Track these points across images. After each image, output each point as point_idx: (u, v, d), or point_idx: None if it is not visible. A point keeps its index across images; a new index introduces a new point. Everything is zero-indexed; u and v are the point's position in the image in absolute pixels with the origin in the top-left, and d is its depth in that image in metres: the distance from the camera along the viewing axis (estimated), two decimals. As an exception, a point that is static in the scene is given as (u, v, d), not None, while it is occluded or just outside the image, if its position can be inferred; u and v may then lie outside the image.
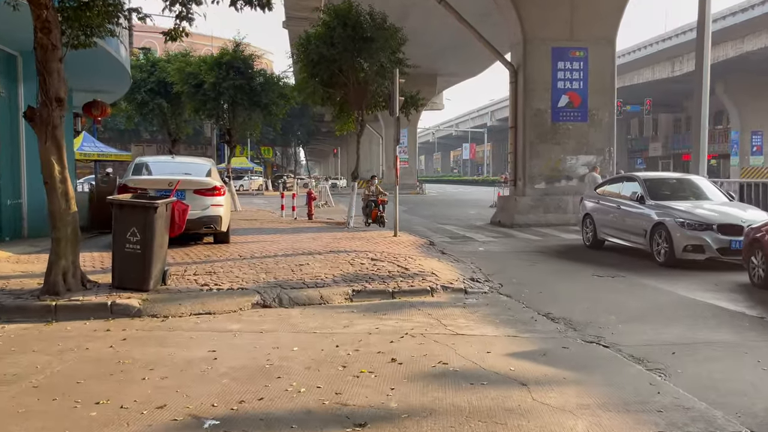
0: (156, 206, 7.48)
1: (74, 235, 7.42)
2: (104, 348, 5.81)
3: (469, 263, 11.04)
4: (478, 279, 9.47)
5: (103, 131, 57.63)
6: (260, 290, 7.89)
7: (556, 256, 12.69)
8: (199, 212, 11.40)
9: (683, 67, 51.57)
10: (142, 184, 11.25)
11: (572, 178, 19.13)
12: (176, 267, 9.34)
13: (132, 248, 7.52)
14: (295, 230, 15.99)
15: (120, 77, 15.70)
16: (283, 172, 79.21)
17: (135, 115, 28.17)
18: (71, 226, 7.39)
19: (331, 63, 16.32)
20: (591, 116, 19.15)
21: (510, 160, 19.88)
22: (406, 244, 13.14)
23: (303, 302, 7.71)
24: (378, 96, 17.04)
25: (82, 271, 7.72)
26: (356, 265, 9.72)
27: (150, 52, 27.27)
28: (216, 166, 12.96)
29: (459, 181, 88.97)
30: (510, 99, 19.89)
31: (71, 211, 7.42)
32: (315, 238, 13.85)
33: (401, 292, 8.25)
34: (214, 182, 11.80)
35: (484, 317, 7.12)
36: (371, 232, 15.48)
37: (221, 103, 23.89)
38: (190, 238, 12.62)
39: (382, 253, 11.05)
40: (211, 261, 10.00)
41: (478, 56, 41.63)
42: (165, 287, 7.91)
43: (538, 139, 19.09)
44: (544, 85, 18.98)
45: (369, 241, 13.22)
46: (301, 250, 11.49)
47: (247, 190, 51.91)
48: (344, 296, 8.00)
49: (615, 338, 6.21)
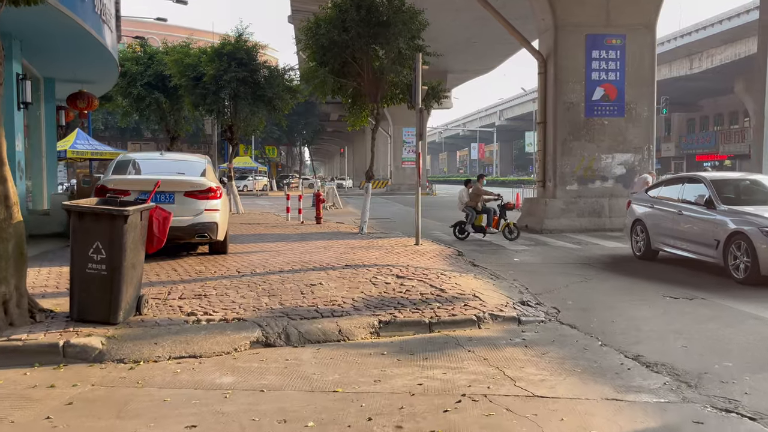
0: (126, 214, 5.74)
1: (18, 253, 5.68)
2: (37, 421, 4.07)
3: (511, 280, 9.27)
4: (528, 302, 7.72)
5: (103, 129, 56.29)
6: (262, 322, 6.15)
7: (606, 269, 10.91)
8: (190, 218, 9.68)
9: (702, 64, 49.73)
10: (123, 184, 9.52)
11: (608, 178, 17.35)
12: (158, 288, 7.60)
13: (95, 269, 5.78)
14: (302, 237, 14.25)
15: (106, 66, 13.98)
16: (288, 171, 77.68)
17: (131, 111, 26.38)
18: (13, 240, 5.64)
19: (343, 49, 14.57)
20: (628, 110, 17.36)
21: (538, 158, 18.10)
22: (431, 255, 11.38)
23: (317, 338, 5.96)
24: (395, 87, 15.28)
25: (31, 297, 5.99)
26: (380, 285, 7.96)
27: (146, 42, 25.48)
28: (212, 163, 11.21)
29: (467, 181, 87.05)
30: (538, 92, 18.10)
31: (13, 222, 5.67)
32: (326, 246, 12.10)
33: (441, 323, 6.49)
34: (209, 183, 10.05)
35: (558, 364, 5.35)
36: (389, 240, 13.71)
37: (222, 97, 22.11)
38: (181, 248, 10.90)
39: (407, 268, 9.29)
40: (203, 279, 8.24)
41: (490, 52, 39.91)
42: (139, 318, 6.17)
43: (570, 135, 17.32)
44: (576, 76, 17.20)
45: (389, 252, 11.46)
46: (311, 263, 9.74)
47: (251, 190, 50.27)
48: (369, 329, 6.25)
49: (755, 402, 4.45)
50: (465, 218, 15.15)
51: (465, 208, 15.14)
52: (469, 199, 15.08)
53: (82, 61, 13.32)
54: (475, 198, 14.99)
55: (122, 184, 9.55)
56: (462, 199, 15.29)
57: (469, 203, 15.06)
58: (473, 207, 14.97)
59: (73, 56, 12.76)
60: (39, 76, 14.81)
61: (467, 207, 15.07)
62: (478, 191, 15.03)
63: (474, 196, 15.03)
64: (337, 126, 75.53)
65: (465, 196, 15.24)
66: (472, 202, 15.01)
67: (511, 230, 14.72)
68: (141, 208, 6.04)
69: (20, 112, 10.92)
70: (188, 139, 51.78)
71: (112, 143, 52.16)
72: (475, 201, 14.99)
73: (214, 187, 10.04)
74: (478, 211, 14.90)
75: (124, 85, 23.69)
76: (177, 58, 22.01)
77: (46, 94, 15.17)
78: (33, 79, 14.50)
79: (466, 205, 15.12)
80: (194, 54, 22.18)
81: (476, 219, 14.88)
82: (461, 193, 15.45)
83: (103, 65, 13.90)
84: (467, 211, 15.05)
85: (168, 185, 9.68)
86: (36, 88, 14.85)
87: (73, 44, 11.51)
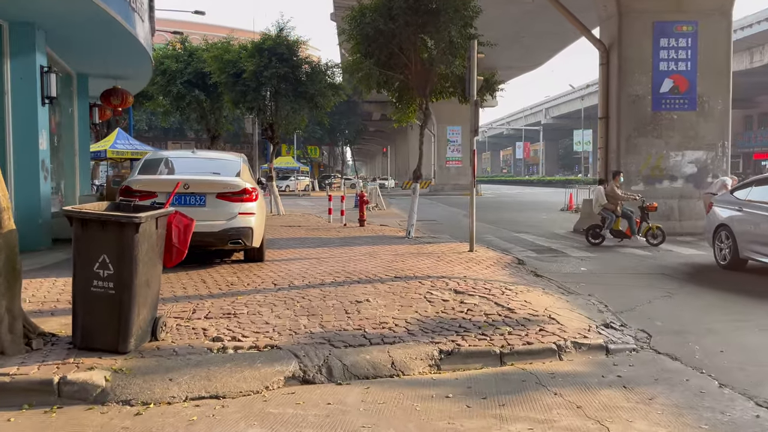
0: (138, 222, 4.77)
1: (9, 268, 4.75)
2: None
3: (585, 295, 8.05)
4: (612, 324, 6.51)
5: (147, 130, 56.42)
6: (299, 350, 5.11)
7: (689, 280, 9.59)
8: (223, 223, 8.73)
9: (763, 57, 47.22)
10: (150, 185, 8.64)
11: (677, 178, 15.90)
12: (182, 304, 6.63)
13: (102, 287, 4.83)
14: (345, 241, 13.24)
15: (139, 59, 13.18)
16: (329, 172, 77.08)
17: (171, 110, 25.82)
18: (3, 253, 4.71)
19: (390, 40, 13.51)
20: (700, 104, 15.87)
21: (600, 156, 16.73)
22: (488, 263, 10.23)
23: (365, 373, 4.90)
24: (445, 80, 14.15)
25: (27, 320, 5.07)
26: (436, 302, 6.85)
27: (186, 39, 24.83)
28: (247, 162, 10.26)
29: (512, 181, 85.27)
30: (600, 84, 16.74)
31: (3, 231, 4.74)
32: (371, 253, 11.06)
33: (515, 354, 5.36)
34: (244, 184, 9.08)
35: (675, 416, 4.17)
36: (439, 246, 12.59)
37: (263, 94, 21.29)
38: (214, 255, 9.99)
39: (465, 281, 8.16)
40: (234, 294, 7.25)
41: (538, 47, 38.38)
42: (155, 345, 5.20)
43: (635, 131, 15.93)
44: (642, 67, 15.80)
45: (441, 259, 10.35)
46: (356, 273, 8.68)
47: (293, 190, 49.71)
48: (428, 361, 5.16)
49: None
50: (601, 222, 13.83)
51: (602, 211, 13.78)
52: (607, 201, 13.70)
53: (113, 53, 12.56)
54: (613, 200, 13.63)
55: (149, 185, 8.67)
56: (599, 201, 13.85)
57: (607, 206, 13.70)
58: (612, 210, 13.64)
59: (102, 48, 11.99)
60: (71, 71, 14.15)
61: (605, 210, 13.73)
62: (615, 194, 13.61)
63: (611, 198, 13.65)
64: (379, 125, 74.73)
65: (602, 197, 13.82)
66: (611, 205, 13.65)
67: (656, 234, 13.40)
68: (157, 214, 5.07)
69: (45, 107, 10.16)
70: (230, 138, 51.49)
71: (156, 143, 52.22)
72: (614, 204, 13.63)
73: (250, 188, 9.07)
74: (618, 215, 13.60)
75: (164, 83, 23.12)
76: (216, 54, 21.30)
77: (79, 90, 14.50)
78: (65, 75, 13.85)
79: (603, 207, 13.76)
80: (234, 50, 21.44)
81: (615, 223, 13.60)
82: (597, 193, 13.99)
83: (136, 59, 13.12)
84: (605, 214, 13.71)
85: (198, 186, 8.76)
86: (68, 84, 14.21)
87: (101, 33, 10.72)
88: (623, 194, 13.77)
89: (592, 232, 13.91)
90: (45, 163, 10.15)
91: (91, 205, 5.22)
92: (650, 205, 13.70)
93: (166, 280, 7.88)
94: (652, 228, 13.47)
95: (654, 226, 13.48)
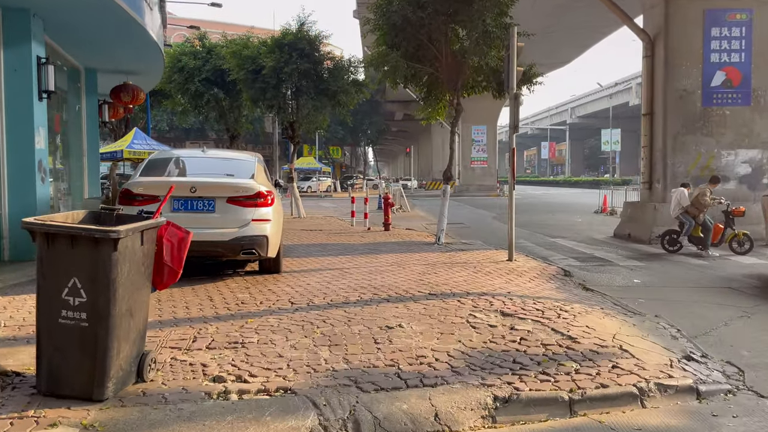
0: (116, 236, 3.77)
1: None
2: None
3: (652, 316, 6.92)
4: (692, 354, 5.41)
5: (168, 130, 55.87)
6: (318, 396, 4.09)
7: (763, 296, 8.39)
8: (234, 230, 7.75)
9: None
10: (153, 188, 7.68)
11: (729, 179, 14.62)
12: (182, 329, 5.64)
13: (72, 319, 3.86)
14: (370, 248, 12.21)
15: (148, 52, 12.24)
16: (351, 172, 76.17)
17: (189, 109, 24.98)
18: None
19: (418, 29, 12.46)
20: (755, 98, 14.59)
21: (643, 156, 15.50)
22: (532, 275, 9.13)
23: (402, 429, 3.86)
24: (477, 73, 13.06)
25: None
26: (482, 328, 5.77)
27: (205, 35, 23.96)
28: (263, 163, 9.25)
29: (536, 181, 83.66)
30: (643, 78, 15.51)
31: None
32: (400, 263, 10.01)
33: (587, 400, 4.28)
34: (258, 187, 8.07)
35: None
36: (473, 254, 11.50)
37: (283, 91, 20.32)
38: (225, 266, 9.03)
39: (511, 299, 7.07)
40: (244, 315, 6.23)
41: (566, 43, 36.98)
42: (141, 388, 4.21)
43: (683, 128, 14.69)
44: (691, 59, 14.55)
45: (478, 270, 9.27)
46: (384, 289, 7.62)
47: (315, 191, 48.87)
48: (480, 411, 4.10)
49: None
50: (678, 227, 12.68)
51: (681, 215, 12.60)
52: (690, 206, 12.53)
53: (121, 45, 11.67)
54: (698, 206, 12.43)
55: (152, 187, 7.71)
56: (681, 204, 12.64)
57: (689, 210, 12.51)
58: (694, 216, 12.45)
59: (108, 39, 11.11)
60: (79, 66, 13.29)
61: (684, 215, 12.55)
62: (703, 200, 12.37)
63: (697, 203, 12.43)
64: (401, 125, 73.64)
65: (684, 199, 12.61)
66: (694, 210, 12.46)
67: (741, 242, 12.22)
68: (142, 226, 4.07)
69: (42, 102, 9.25)
70: (251, 139, 50.79)
71: (177, 144, 51.60)
72: (698, 209, 12.44)
73: (265, 191, 8.06)
74: (699, 222, 12.42)
75: (182, 80, 22.29)
76: (235, 50, 20.39)
77: (88, 86, 13.62)
78: (72, 70, 13.01)
79: (683, 211, 12.58)
80: (253, 46, 20.51)
81: (694, 229, 12.45)
82: (679, 195, 12.73)
83: (146, 52, 12.20)
84: (684, 219, 12.53)
85: (206, 189, 7.79)
86: (76, 80, 13.37)
87: (105, 22, 9.83)
88: (711, 200, 12.53)
89: (669, 239, 12.71)
90: (42, 164, 9.23)
91: (62, 215, 4.24)
92: (736, 209, 12.48)
93: (168, 297, 6.91)
94: (737, 235, 12.26)
95: (740, 233, 12.28)
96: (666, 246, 12.77)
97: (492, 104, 44.49)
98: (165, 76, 22.04)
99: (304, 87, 20.07)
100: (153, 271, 4.35)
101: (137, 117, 30.97)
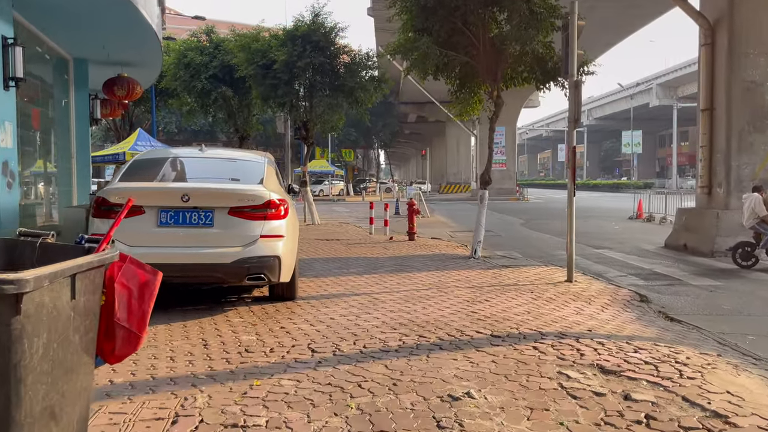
0: (16, 291, 2.13)
1: None
2: None
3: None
4: None
5: (177, 132, 54.43)
6: None
7: None
8: (237, 250, 6.09)
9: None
10: (135, 197, 6.04)
11: (804, 183, 12.85)
12: (160, 400, 3.96)
13: (-55, 430, 2.21)
14: (398, 263, 10.56)
15: (143, 40, 10.61)
16: (364, 175, 74.62)
17: (196, 109, 23.44)
18: None
19: (452, 12, 10.82)
20: (833, 91, 12.84)
21: (701, 156, 13.75)
22: (603, 302, 7.43)
23: None
24: (519, 63, 11.38)
25: None
26: (586, 400, 4.04)
27: (212, 29, 22.37)
28: (274, 164, 7.60)
29: (553, 184, 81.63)
30: (702, 69, 13.75)
31: None
32: (438, 285, 8.33)
33: None
34: (269, 194, 6.38)
35: None
36: (521, 271, 9.80)
37: (296, 87, 18.72)
38: (229, 290, 7.40)
39: (600, 342, 5.33)
40: (248, 372, 4.54)
41: (592, 40, 35.07)
42: None
43: (749, 125, 12.95)
44: (761, 46, 12.84)
45: (537, 296, 7.57)
46: (430, 327, 5.90)
47: (327, 195, 47.35)
48: None
49: None
50: (754, 238, 11.04)
51: (758, 224, 10.95)
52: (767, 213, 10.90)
53: (112, 29, 10.08)
54: None
55: (134, 196, 6.07)
56: (755, 212, 10.99)
57: (766, 219, 10.89)
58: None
59: (98, 21, 9.54)
60: (67, 55, 11.73)
61: (762, 224, 10.90)
62: None
63: None
64: (414, 128, 72.02)
65: (760, 206, 10.95)
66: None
67: None
68: (70, 268, 2.43)
69: (10, 92, 7.65)
70: (262, 141, 49.30)
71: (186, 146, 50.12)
72: None
73: (276, 200, 6.38)
74: None
75: (187, 78, 20.73)
76: (244, 43, 18.82)
77: (77, 78, 12.04)
78: (58, 59, 11.46)
79: (760, 221, 10.93)
80: (264, 39, 18.93)
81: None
82: (754, 202, 11.06)
83: (141, 39, 10.59)
84: (761, 229, 10.90)
85: (203, 198, 6.14)
86: (63, 71, 11.82)
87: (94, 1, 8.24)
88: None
89: (742, 252, 11.03)
90: (9, 166, 7.63)
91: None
92: None
93: (151, 341, 5.27)
94: None
95: None
96: (738, 260, 11.05)
97: (511, 105, 42.70)
98: (170, 74, 20.54)
99: (319, 83, 18.50)
100: (99, 333, 2.71)
101: (143, 117, 29.53)
